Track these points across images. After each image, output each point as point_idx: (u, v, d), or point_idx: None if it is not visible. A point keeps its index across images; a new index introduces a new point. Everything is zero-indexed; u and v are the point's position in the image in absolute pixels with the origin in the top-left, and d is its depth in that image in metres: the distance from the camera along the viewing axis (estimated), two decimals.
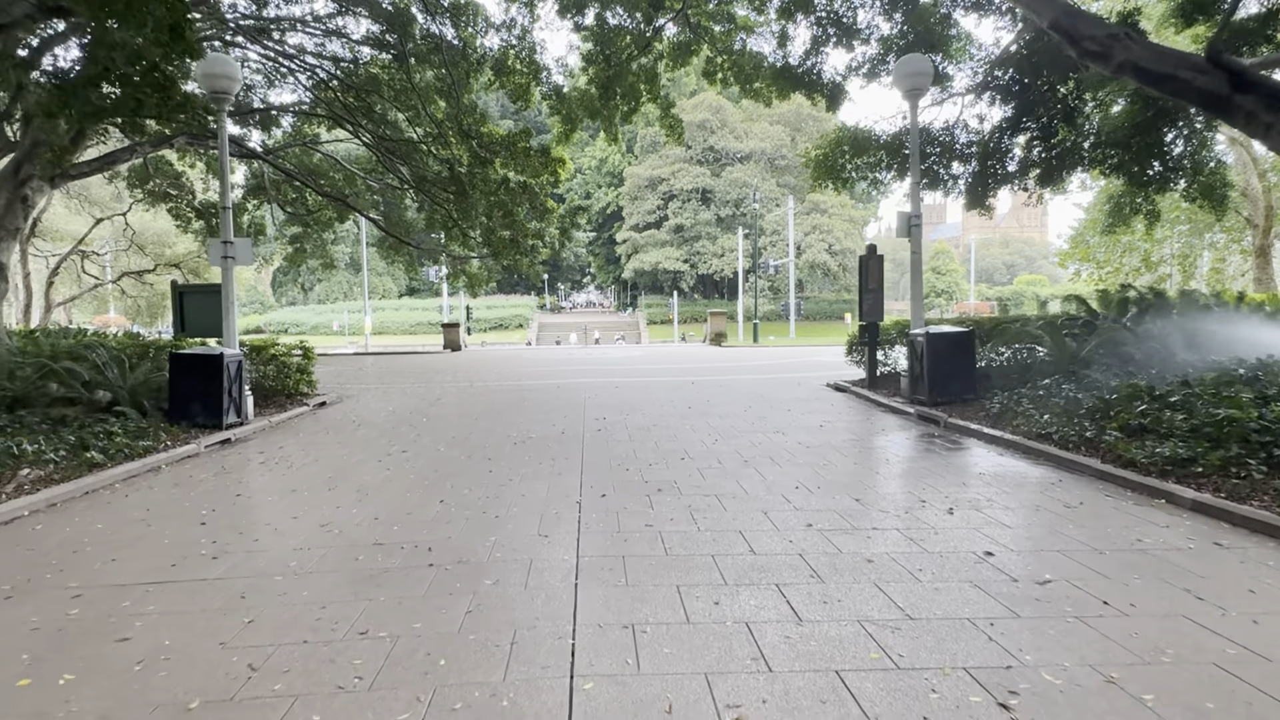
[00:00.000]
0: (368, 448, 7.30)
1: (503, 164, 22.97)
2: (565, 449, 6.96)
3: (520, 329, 61.37)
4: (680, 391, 11.82)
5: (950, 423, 8.11)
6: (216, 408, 8.52)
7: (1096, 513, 4.63)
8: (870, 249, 11.37)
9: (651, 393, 11.70)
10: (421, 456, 6.77)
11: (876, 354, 11.36)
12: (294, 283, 72.20)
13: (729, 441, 7.25)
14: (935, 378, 9.04)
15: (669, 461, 6.31)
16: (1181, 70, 8.54)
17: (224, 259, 9.44)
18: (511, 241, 24.21)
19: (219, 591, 3.49)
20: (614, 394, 11.59)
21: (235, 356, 8.86)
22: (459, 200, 23.23)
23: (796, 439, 7.39)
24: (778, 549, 3.96)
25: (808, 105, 60.47)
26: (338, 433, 8.42)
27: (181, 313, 11.40)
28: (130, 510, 5.08)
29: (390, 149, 22.81)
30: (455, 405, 10.62)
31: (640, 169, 61.60)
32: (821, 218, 56.29)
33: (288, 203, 27.94)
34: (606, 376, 15.02)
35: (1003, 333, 9.75)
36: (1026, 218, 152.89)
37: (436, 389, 12.92)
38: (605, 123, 20.30)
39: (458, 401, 11.06)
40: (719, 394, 11.40)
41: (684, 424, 8.42)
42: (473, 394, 12.01)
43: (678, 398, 10.97)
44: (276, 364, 10.92)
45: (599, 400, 10.81)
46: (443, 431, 8.20)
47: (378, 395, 12.15)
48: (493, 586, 3.44)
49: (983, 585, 3.41)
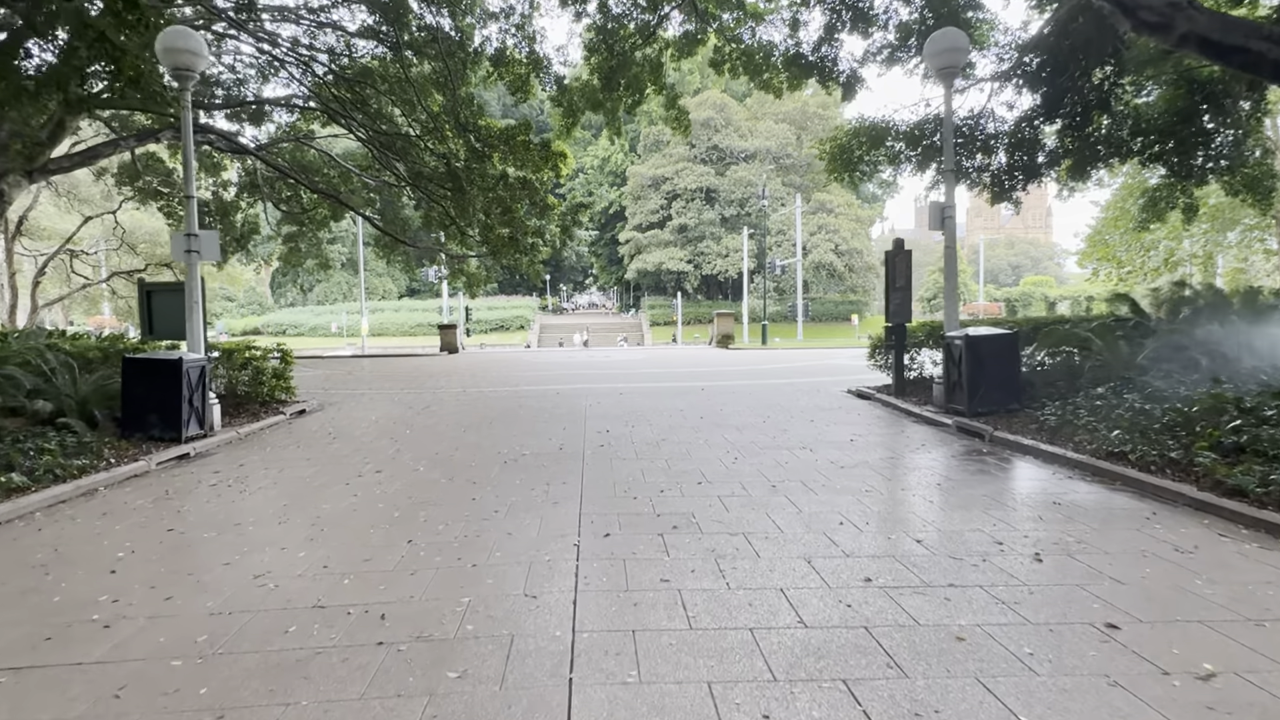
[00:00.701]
0: (338, 467, 6.40)
1: (501, 159, 22.13)
2: (563, 470, 6.06)
3: (522, 330, 60.52)
4: (690, 399, 10.91)
5: (997, 437, 7.18)
6: (175, 419, 7.64)
7: (1221, 560, 3.70)
8: (897, 243, 10.45)
9: (659, 400, 10.78)
10: (397, 479, 5.87)
11: (904, 358, 10.44)
12: (294, 284, 71.47)
13: (751, 460, 6.33)
14: (976, 385, 8.12)
15: (684, 487, 5.40)
16: (1254, 41, 7.62)
17: (188, 253, 8.55)
18: (511, 240, 23.36)
19: (90, 685, 2.58)
20: (618, 401, 10.68)
21: (197, 361, 7.98)
22: (456, 197, 22.41)
23: (827, 456, 6.47)
24: (834, 618, 3.05)
25: (814, 103, 59.52)
26: (309, 447, 7.52)
27: (149, 313, 10.50)
28: (33, 551, 4.18)
29: (385, 144, 22.03)
30: (444, 414, 9.72)
31: (643, 168, 60.74)
32: (828, 217, 55.34)
33: (282, 200, 27.17)
34: (610, 381, 14.13)
35: (1048, 335, 8.81)
36: (1031, 219, 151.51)
37: (427, 395, 12.02)
38: (608, 115, 19.46)
39: (447, 410, 10.16)
40: (732, 402, 10.48)
41: (697, 438, 7.50)
42: (465, 401, 11.12)
43: (688, 406, 10.05)
44: (251, 369, 10.03)
45: (602, 409, 9.90)
46: (426, 446, 7.30)
47: (364, 402, 11.26)
48: (456, 683, 2.53)
49: (1125, 682, 2.49)
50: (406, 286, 73.72)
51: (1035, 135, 13.84)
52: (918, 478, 5.74)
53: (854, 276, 58.76)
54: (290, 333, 61.12)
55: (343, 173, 24.80)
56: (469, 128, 21.53)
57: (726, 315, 27.57)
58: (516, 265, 24.97)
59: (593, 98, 18.21)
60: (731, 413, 9.34)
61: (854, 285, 60.89)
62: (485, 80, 22.45)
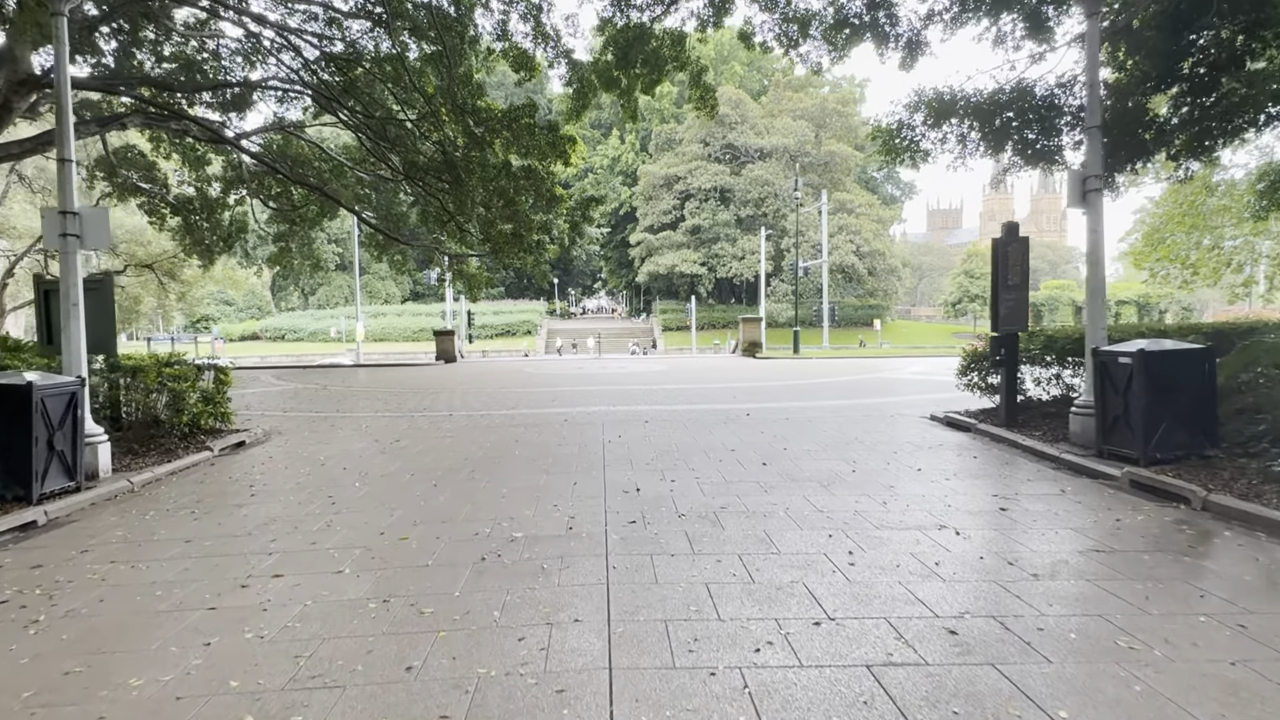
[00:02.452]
0: (222, 564, 4.05)
1: (504, 146, 19.92)
2: (573, 579, 3.68)
3: (529, 335, 58.33)
4: (738, 430, 8.50)
5: (1216, 504, 4.77)
6: (22, 469, 5.35)
7: None
8: (1010, 229, 8.06)
9: (698, 432, 8.39)
10: (301, 594, 3.52)
11: (1015, 378, 8.02)
12: (295, 287, 69.64)
13: (874, 554, 3.95)
14: (1154, 421, 5.72)
15: (790, 628, 3.02)
16: None
17: (64, 237, 6.24)
18: (514, 236, 21.09)
19: None
20: (644, 435, 8.29)
21: (61, 388, 5.67)
22: (454, 190, 20.20)
23: (987, 544, 4.09)
24: None
25: (833, 99, 57.38)
26: (212, 511, 5.20)
27: (47, 318, 8.23)
28: None
29: (378, 133, 19.87)
30: (416, 453, 7.36)
31: (655, 167, 58.51)
32: (848, 217, 52.82)
33: (271, 197, 25.16)
34: (629, 402, 11.77)
35: (1248, 352, 6.36)
36: (1046, 222, 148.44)
37: (404, 421, 9.69)
38: (623, 97, 17.26)
39: (422, 446, 7.80)
40: (794, 435, 8.07)
41: (771, 504, 5.11)
42: (448, 431, 8.77)
43: (739, 443, 7.65)
44: (169, 392, 7.73)
45: (624, 446, 7.52)
46: (370, 518, 4.94)
47: (323, 430, 8.94)
48: None
49: None
50: (410, 290, 71.72)
51: (1143, 104, 11.43)
52: (1171, 609, 3.32)
53: (874, 279, 56.22)
54: (289, 338, 59.20)
55: (335, 167, 22.70)
56: (467, 110, 19.33)
57: (753, 321, 24.93)
58: (521, 265, 22.69)
59: (606, 75, 16.02)
60: (801, 454, 6.93)
61: (873, 289, 58.34)
62: (485, 59, 20.22)
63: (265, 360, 47.67)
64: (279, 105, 21.51)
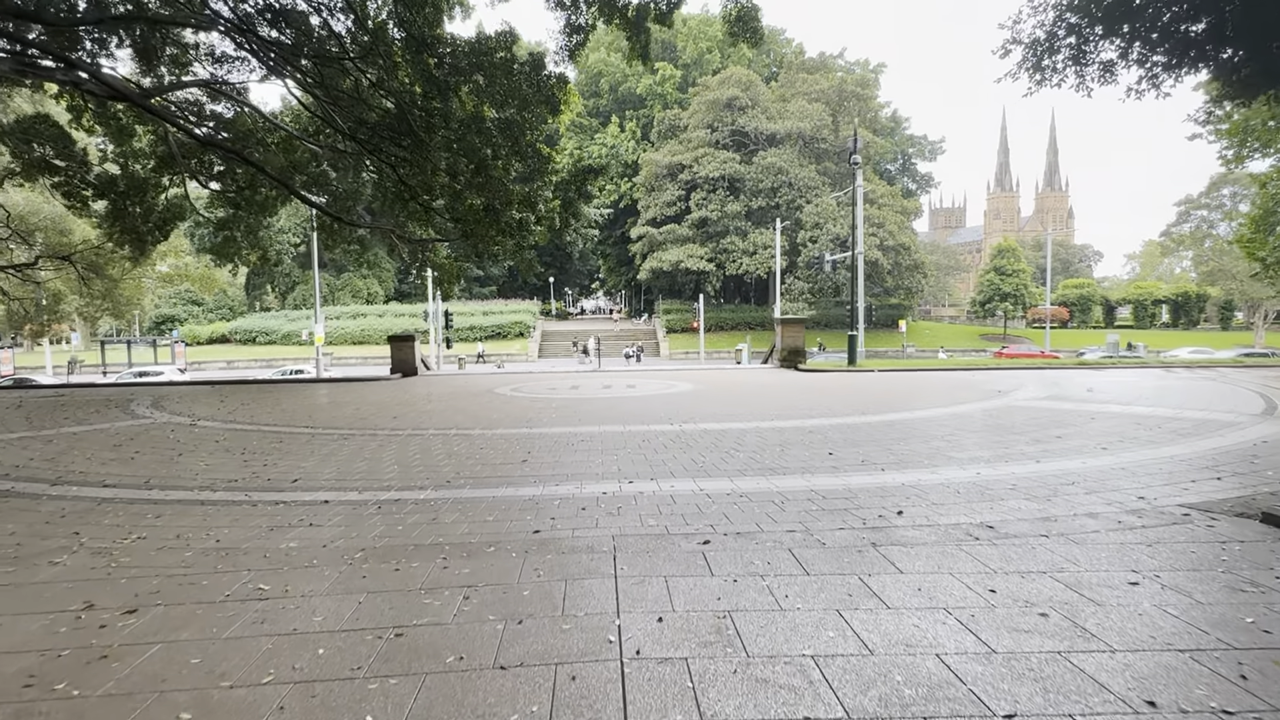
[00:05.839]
0: None
1: (474, 94, 15.18)
2: None
3: (521, 338, 53.69)
4: (905, 584, 3.86)
5: None
6: None
7: None
8: None
9: (827, 589, 3.74)
10: None
11: None
12: (271, 286, 64.90)
13: None
14: None
15: None
16: None
17: None
18: (488, 212, 16.27)
19: None
20: (716, 610, 3.65)
21: None
22: (414, 156, 15.44)
23: None
24: None
25: (851, 81, 52.58)
26: None
27: None
28: None
29: (315, 79, 15.20)
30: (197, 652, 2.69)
31: (658, 155, 53.92)
32: (870, 209, 48.25)
33: (212, 177, 20.39)
34: (641, 448, 7.12)
35: None
36: (1053, 220, 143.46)
37: (242, 529, 5.04)
38: (630, 29, 12.97)
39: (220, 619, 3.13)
40: (971, 570, 3.43)
41: None
42: (315, 554, 4.11)
43: (884, 594, 3.01)
44: None
45: (651, 600, 2.87)
46: None
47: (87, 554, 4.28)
48: None
49: None
50: (395, 289, 67.05)
51: None
52: None
53: (895, 277, 51.67)
54: (261, 340, 54.50)
55: (283, 139, 18.02)
56: (424, 43, 14.60)
57: (794, 323, 19.65)
58: (499, 251, 17.99)
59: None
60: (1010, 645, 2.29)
61: (895, 286, 53.81)
62: None
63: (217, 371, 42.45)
64: (215, 65, 16.84)
